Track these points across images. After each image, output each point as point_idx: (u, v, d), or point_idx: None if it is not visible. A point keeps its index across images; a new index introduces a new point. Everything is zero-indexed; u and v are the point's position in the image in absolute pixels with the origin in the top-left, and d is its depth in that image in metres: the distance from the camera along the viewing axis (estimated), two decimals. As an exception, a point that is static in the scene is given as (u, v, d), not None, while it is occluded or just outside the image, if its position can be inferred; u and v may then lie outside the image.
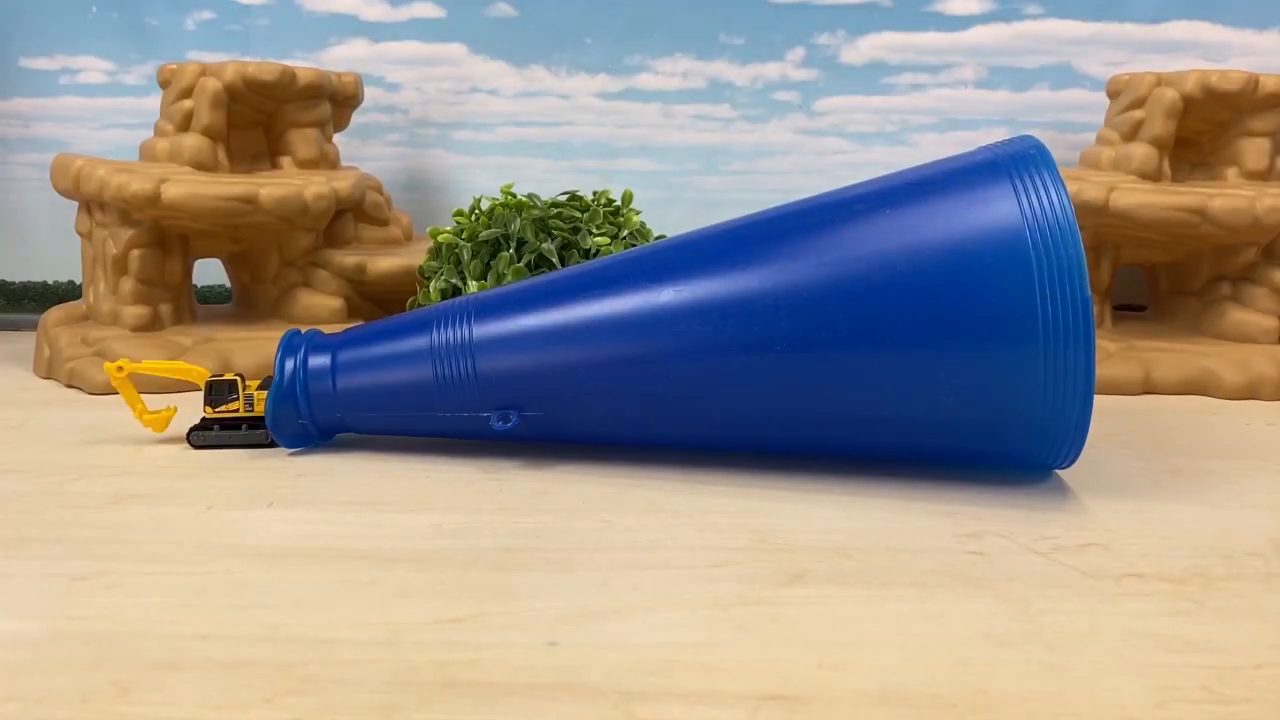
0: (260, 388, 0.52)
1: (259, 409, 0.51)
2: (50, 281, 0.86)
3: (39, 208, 0.85)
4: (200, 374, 0.52)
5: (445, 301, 0.50)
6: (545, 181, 0.86)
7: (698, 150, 0.86)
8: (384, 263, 0.72)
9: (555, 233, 0.61)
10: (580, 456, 0.50)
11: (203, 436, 0.51)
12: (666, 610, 0.33)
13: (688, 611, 0.33)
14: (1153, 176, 0.70)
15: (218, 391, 0.51)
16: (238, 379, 0.51)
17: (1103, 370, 0.64)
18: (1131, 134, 0.72)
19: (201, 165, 0.70)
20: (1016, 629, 0.32)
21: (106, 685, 0.29)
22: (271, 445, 0.51)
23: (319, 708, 0.28)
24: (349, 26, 0.84)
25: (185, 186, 0.65)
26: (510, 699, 0.28)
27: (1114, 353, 0.67)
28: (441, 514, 0.42)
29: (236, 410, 0.51)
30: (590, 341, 0.45)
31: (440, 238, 0.63)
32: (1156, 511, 0.43)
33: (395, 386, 0.48)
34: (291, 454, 0.51)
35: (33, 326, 0.76)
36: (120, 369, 0.51)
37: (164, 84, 0.74)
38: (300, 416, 0.50)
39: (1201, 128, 0.73)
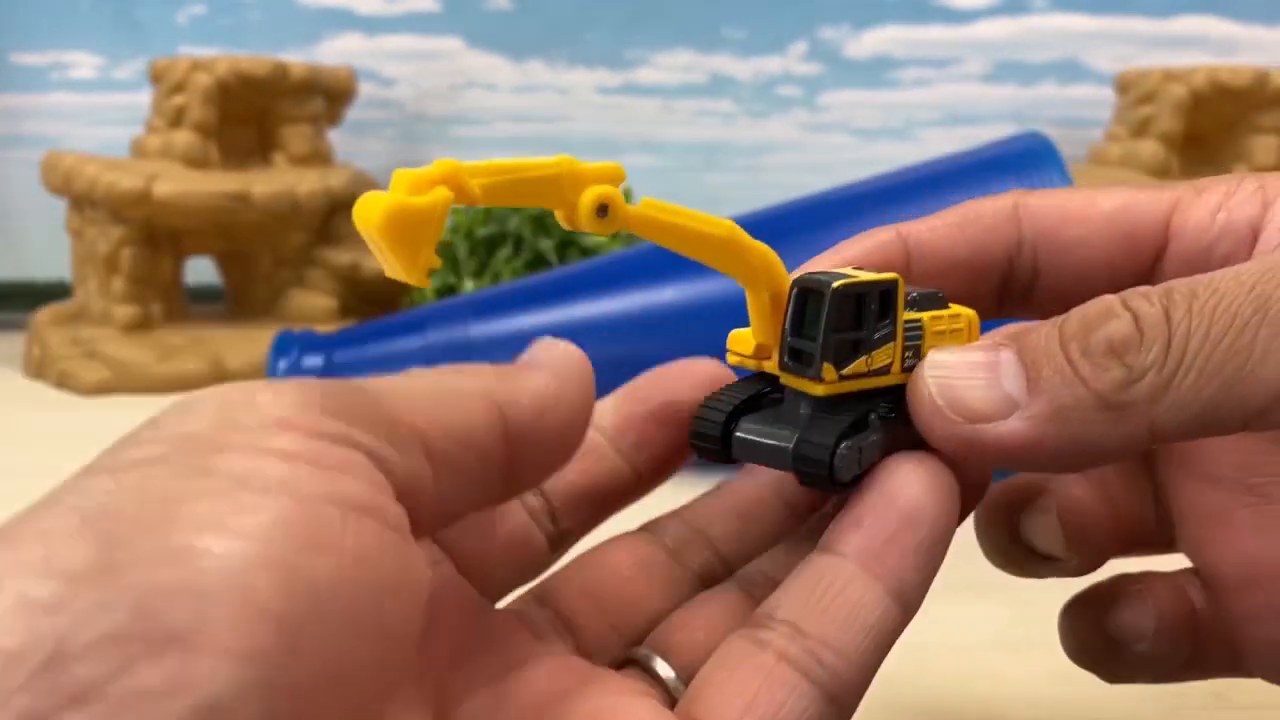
0: None
1: None
2: (40, 280, 0.86)
3: (29, 205, 0.84)
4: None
5: (442, 300, 0.50)
6: (543, 178, 0.85)
7: (699, 146, 0.85)
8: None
9: (553, 230, 0.60)
10: (578, 458, 0.49)
11: None
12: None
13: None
14: (1161, 173, 0.70)
15: None
16: None
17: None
18: (1140, 130, 0.71)
19: (193, 162, 0.69)
20: (1023, 634, 0.32)
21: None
22: None
23: None
24: (343, 20, 0.83)
25: (176, 184, 0.64)
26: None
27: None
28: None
29: None
30: (589, 341, 0.44)
31: (436, 235, 0.62)
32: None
33: (389, 387, 0.48)
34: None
35: (23, 326, 0.75)
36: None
37: (155, 79, 0.73)
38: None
39: (1210, 124, 0.72)
